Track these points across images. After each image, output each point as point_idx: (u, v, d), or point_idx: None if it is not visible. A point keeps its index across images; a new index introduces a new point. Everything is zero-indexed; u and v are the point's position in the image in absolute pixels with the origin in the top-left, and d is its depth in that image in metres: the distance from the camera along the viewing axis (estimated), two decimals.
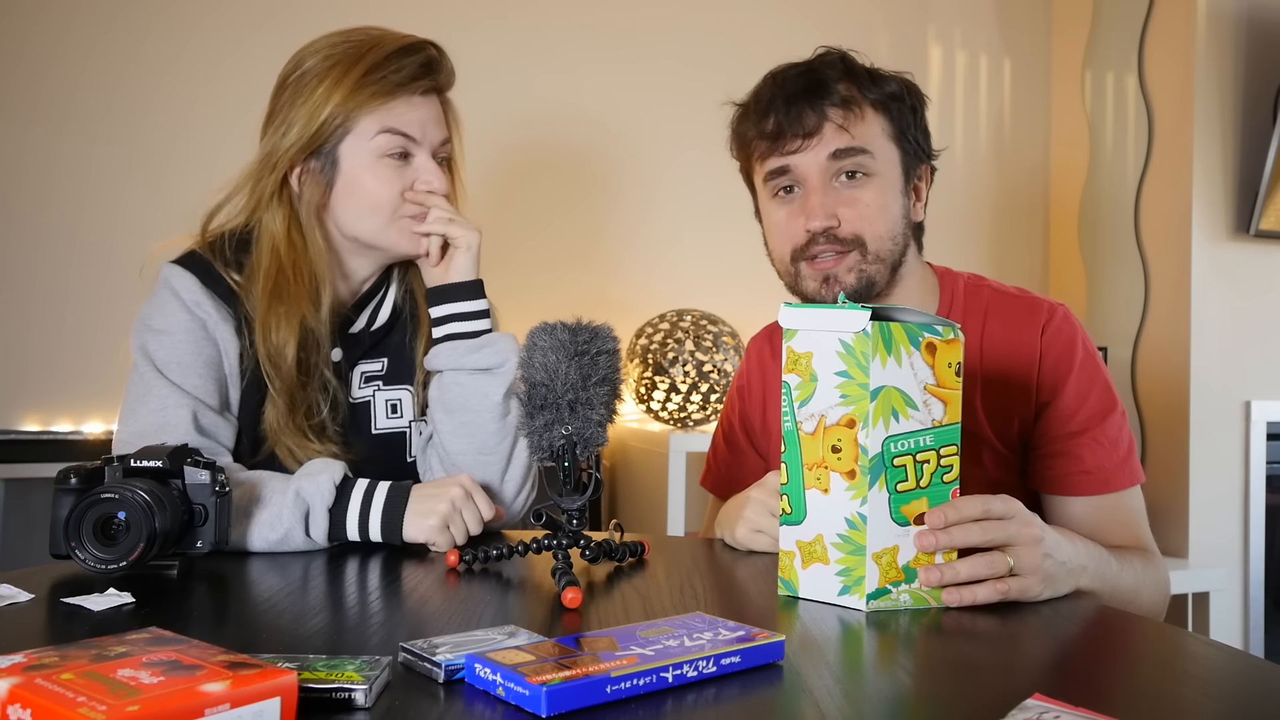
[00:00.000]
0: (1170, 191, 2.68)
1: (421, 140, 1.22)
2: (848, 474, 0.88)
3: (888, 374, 0.87)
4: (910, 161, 1.24)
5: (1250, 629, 2.67)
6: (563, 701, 0.60)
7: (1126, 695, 0.70)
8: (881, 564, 0.88)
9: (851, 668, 0.76)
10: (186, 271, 1.19)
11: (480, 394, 1.20)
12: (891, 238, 1.22)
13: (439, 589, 0.95)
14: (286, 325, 1.18)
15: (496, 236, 2.58)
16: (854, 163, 1.20)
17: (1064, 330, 1.22)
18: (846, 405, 0.88)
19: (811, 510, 0.91)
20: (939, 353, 0.90)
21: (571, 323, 0.93)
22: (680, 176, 2.75)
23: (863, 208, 1.20)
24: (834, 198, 1.20)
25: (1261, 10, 2.68)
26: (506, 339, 1.24)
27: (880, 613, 0.87)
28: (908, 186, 1.25)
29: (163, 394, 1.14)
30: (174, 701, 0.51)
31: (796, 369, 0.92)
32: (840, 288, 1.21)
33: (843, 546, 0.88)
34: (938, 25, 2.96)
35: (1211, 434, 2.64)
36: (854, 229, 1.20)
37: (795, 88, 1.20)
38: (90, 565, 0.92)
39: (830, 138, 1.19)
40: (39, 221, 2.28)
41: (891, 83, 1.23)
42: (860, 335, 0.87)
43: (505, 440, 1.21)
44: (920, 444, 0.89)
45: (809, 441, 0.91)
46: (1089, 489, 1.18)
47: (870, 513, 0.87)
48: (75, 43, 2.30)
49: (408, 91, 1.20)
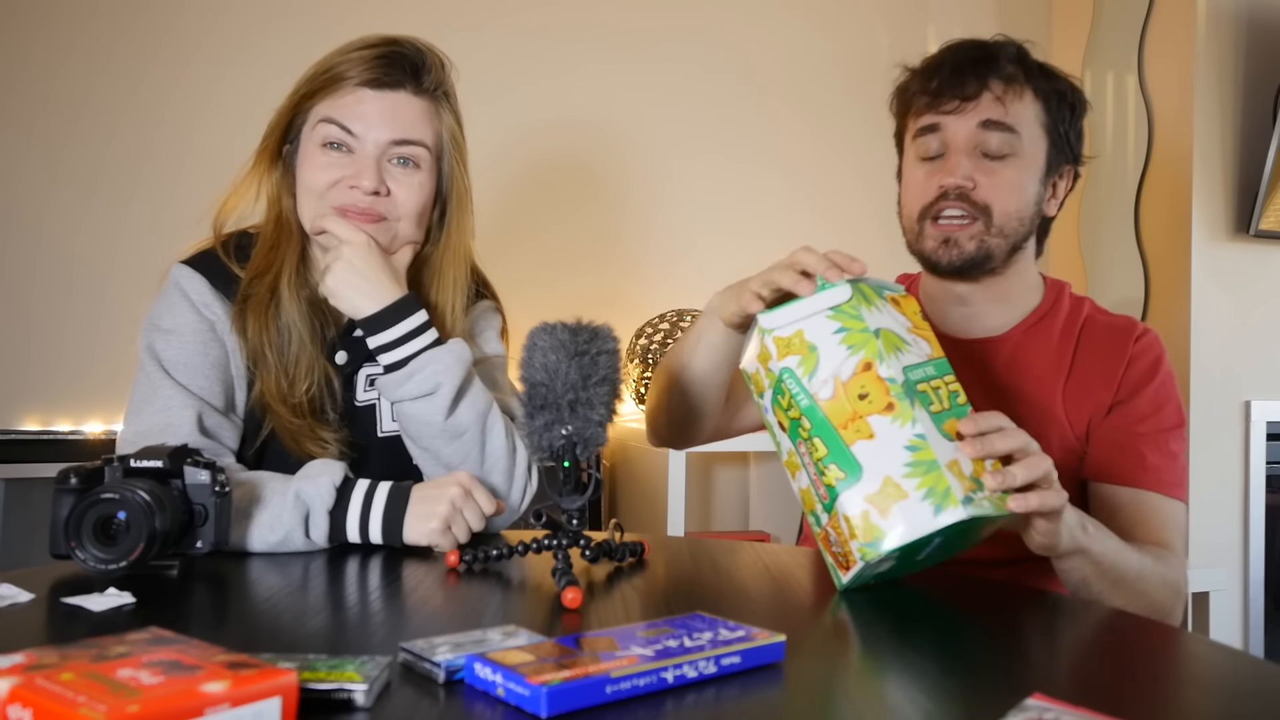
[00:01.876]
0: (1170, 191, 2.68)
1: (362, 135, 1.17)
2: (885, 409, 0.89)
3: (877, 318, 0.93)
4: (1056, 156, 1.27)
5: (1250, 629, 2.67)
6: (563, 702, 0.60)
7: (1126, 695, 0.70)
8: (955, 473, 0.88)
9: (851, 667, 0.76)
10: (195, 272, 1.19)
11: (424, 421, 1.17)
12: (1019, 218, 1.25)
13: (439, 589, 0.95)
14: (290, 298, 1.20)
15: (497, 236, 2.59)
16: (1001, 138, 1.23)
17: (1154, 347, 1.28)
18: (856, 353, 0.91)
19: (866, 460, 0.89)
20: (902, 305, 0.98)
21: (571, 323, 0.93)
22: (682, 177, 2.75)
23: (1000, 180, 1.24)
24: (975, 164, 1.23)
25: (1261, 10, 2.68)
26: (440, 356, 1.16)
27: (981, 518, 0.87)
28: (1048, 178, 1.28)
29: (168, 394, 1.14)
30: (174, 701, 0.51)
31: (791, 350, 0.93)
32: (958, 253, 1.24)
33: (915, 471, 0.88)
34: (938, 25, 2.96)
35: (1211, 434, 2.64)
36: (986, 197, 1.23)
37: (966, 56, 1.25)
38: (90, 565, 0.92)
39: (985, 106, 1.23)
40: (40, 221, 2.28)
41: (1059, 80, 1.27)
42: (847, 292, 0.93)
43: (469, 455, 1.19)
44: (928, 373, 0.93)
45: (833, 406, 0.91)
46: (1144, 483, 1.22)
47: (925, 429, 0.88)
48: (83, 44, 2.31)
49: (365, 86, 1.17)
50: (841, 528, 0.90)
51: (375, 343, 1.17)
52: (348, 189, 1.17)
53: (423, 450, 1.20)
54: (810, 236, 2.90)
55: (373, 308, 1.16)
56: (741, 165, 2.79)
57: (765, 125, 2.80)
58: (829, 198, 2.81)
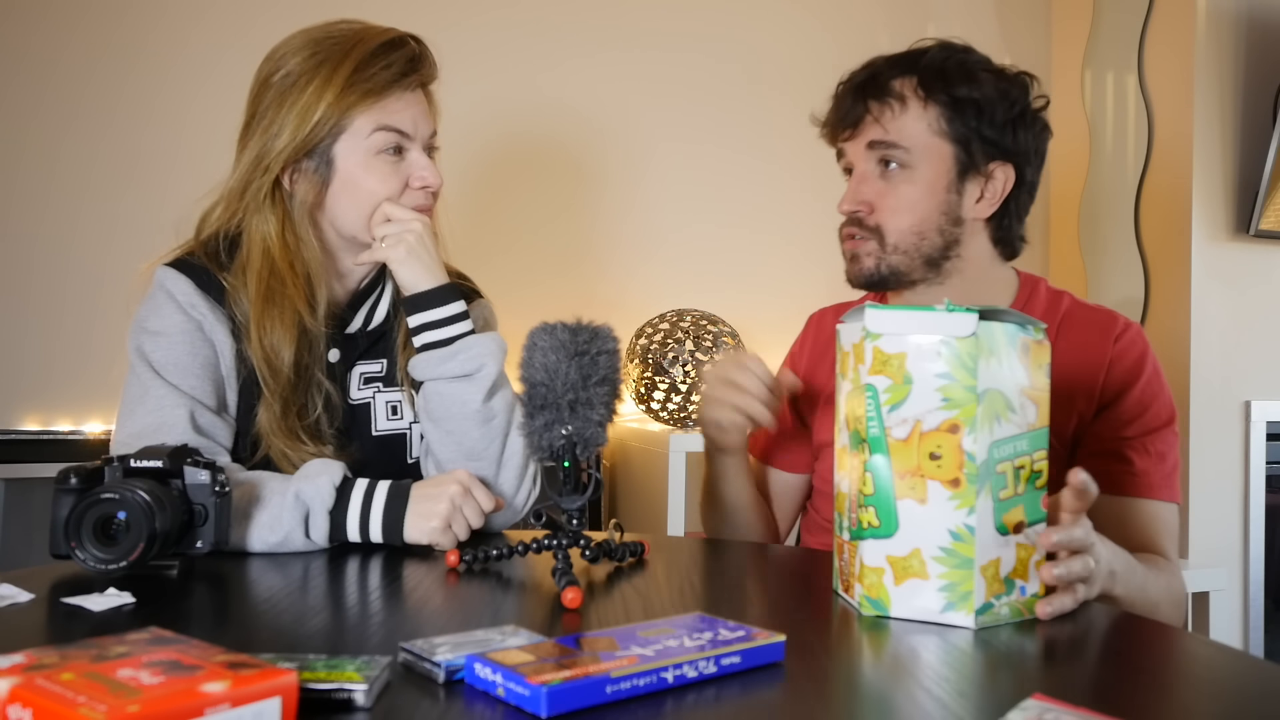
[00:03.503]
0: (1170, 191, 2.68)
1: (415, 135, 1.22)
2: (950, 482, 0.83)
3: (991, 376, 0.83)
4: (970, 158, 1.25)
5: (1250, 629, 2.67)
6: (563, 702, 0.60)
7: (1126, 695, 0.70)
8: (986, 576, 0.83)
9: (851, 667, 0.77)
10: (180, 274, 1.19)
11: (459, 401, 1.18)
12: (918, 232, 1.25)
13: (439, 589, 0.95)
14: (282, 326, 1.18)
15: (496, 235, 2.60)
16: (887, 155, 1.26)
17: (1137, 343, 1.26)
18: (949, 409, 0.83)
19: (905, 522, 0.84)
20: (1032, 354, 0.86)
21: (571, 323, 0.93)
22: (683, 177, 2.75)
23: (891, 200, 1.26)
24: (871, 187, 1.27)
25: (1261, 10, 2.68)
26: (484, 341, 1.20)
27: (985, 630, 0.82)
28: (962, 183, 1.26)
29: (160, 394, 1.14)
30: (174, 701, 0.51)
31: (886, 370, 0.85)
32: (859, 269, 1.28)
33: (946, 560, 0.83)
34: (938, 25, 2.96)
35: (1211, 434, 2.64)
36: (877, 219, 1.26)
37: (852, 82, 1.30)
38: (90, 565, 0.92)
39: (867, 129, 1.27)
40: (39, 220, 2.28)
41: (979, 83, 1.24)
42: (969, 338, 0.83)
43: (493, 444, 1.20)
44: (1018, 449, 0.85)
45: (900, 448, 0.84)
46: (1131, 490, 1.21)
47: (978, 523, 0.82)
48: (78, 46, 2.31)
49: (400, 88, 1.20)
50: (855, 562, 0.88)
51: (419, 320, 1.21)
52: (417, 191, 1.22)
53: (447, 433, 1.20)
54: (810, 235, 2.91)
55: (430, 284, 1.20)
56: (742, 164, 2.79)
57: (766, 123, 2.80)
58: (828, 196, 2.80)
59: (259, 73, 1.22)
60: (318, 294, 1.21)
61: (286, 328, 1.18)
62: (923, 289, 1.29)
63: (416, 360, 1.21)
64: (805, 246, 2.75)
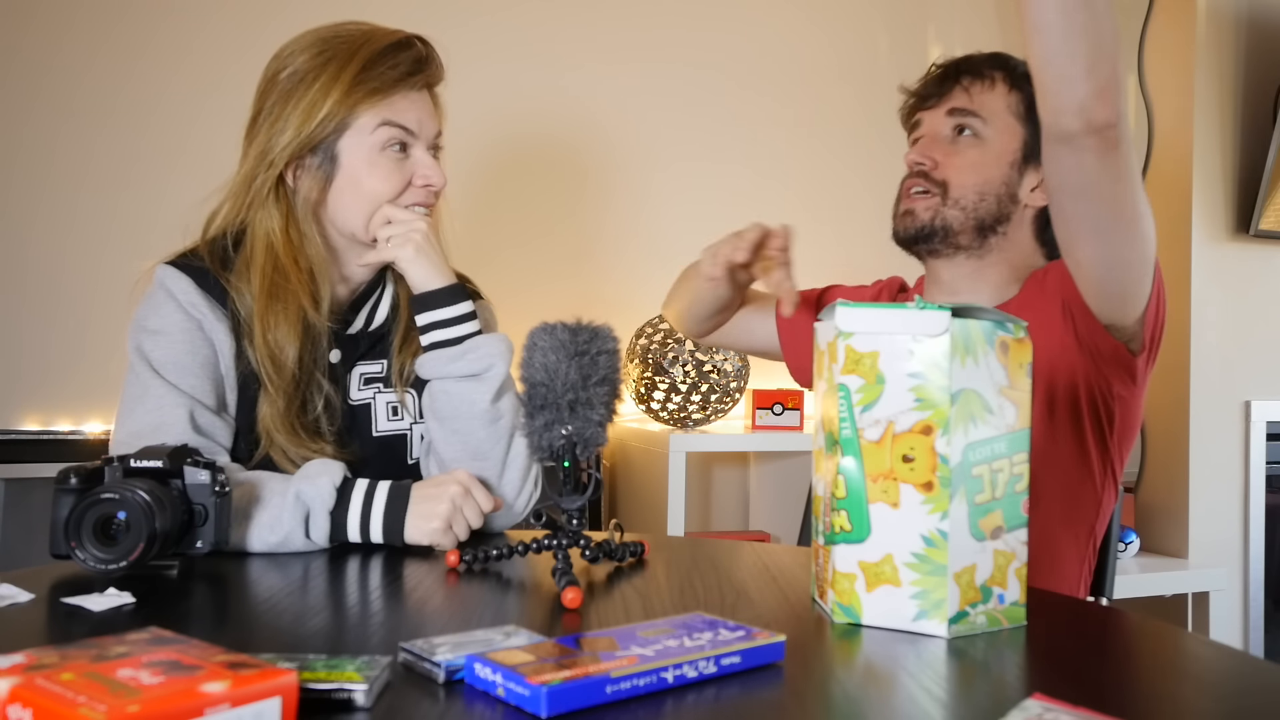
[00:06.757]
0: (1170, 191, 2.68)
1: (419, 134, 1.22)
2: (923, 486, 0.80)
3: (966, 376, 0.80)
4: (1036, 148, 1.28)
5: (1250, 629, 2.67)
6: (563, 702, 0.60)
7: (1126, 695, 0.70)
8: (961, 584, 0.81)
9: (851, 667, 0.76)
10: (180, 273, 1.19)
11: (467, 401, 1.19)
12: (979, 192, 1.32)
13: (439, 589, 0.95)
14: (286, 322, 1.18)
15: (496, 236, 2.60)
16: (964, 122, 1.33)
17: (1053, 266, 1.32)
18: (922, 410, 0.80)
19: (878, 527, 0.82)
20: (1011, 353, 0.83)
21: (571, 323, 0.93)
22: (683, 177, 2.75)
23: (959, 159, 1.33)
24: (940, 148, 1.34)
25: (1261, 10, 2.69)
26: (492, 341, 1.21)
27: (959, 639, 0.80)
28: (1025, 165, 1.33)
29: (159, 394, 1.14)
30: (174, 701, 0.51)
31: (858, 370, 0.82)
32: (912, 222, 1.34)
33: (919, 566, 0.81)
34: (938, 25, 2.96)
35: (1211, 434, 2.64)
36: (944, 174, 1.33)
37: (949, 64, 1.39)
38: (90, 565, 0.92)
39: (953, 97, 1.35)
40: (38, 220, 2.28)
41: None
42: (942, 335, 0.80)
43: (499, 444, 1.20)
44: (995, 451, 0.82)
45: (873, 450, 0.82)
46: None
47: (951, 528, 0.80)
48: (76, 41, 2.31)
49: (406, 87, 1.21)
50: (828, 568, 0.86)
51: (428, 318, 1.21)
52: (420, 189, 1.23)
53: (453, 433, 1.20)
54: (810, 235, 2.91)
55: (439, 282, 1.21)
56: (743, 164, 2.79)
57: (766, 124, 2.80)
58: (829, 196, 2.81)
59: (266, 70, 1.23)
60: (321, 290, 1.21)
61: (291, 323, 1.18)
62: (961, 260, 1.35)
63: (425, 359, 1.21)
64: (806, 247, 2.75)
